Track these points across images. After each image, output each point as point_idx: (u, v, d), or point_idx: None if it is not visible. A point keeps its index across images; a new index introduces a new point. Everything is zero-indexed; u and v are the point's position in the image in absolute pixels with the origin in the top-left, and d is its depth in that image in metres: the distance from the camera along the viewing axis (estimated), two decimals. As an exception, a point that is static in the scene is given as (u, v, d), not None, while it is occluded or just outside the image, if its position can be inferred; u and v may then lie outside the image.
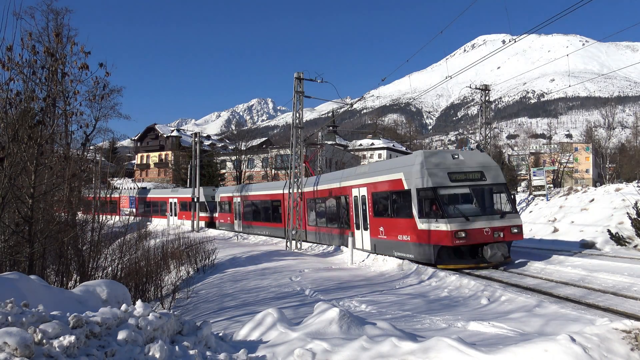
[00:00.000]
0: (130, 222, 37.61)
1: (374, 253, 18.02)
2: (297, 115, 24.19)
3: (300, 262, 18.33)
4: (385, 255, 17.09)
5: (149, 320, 5.12)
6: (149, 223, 41.58)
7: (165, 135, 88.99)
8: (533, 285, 11.65)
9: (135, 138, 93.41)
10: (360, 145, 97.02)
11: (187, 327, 5.74)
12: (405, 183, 15.83)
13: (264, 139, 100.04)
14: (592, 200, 24.21)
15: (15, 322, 4.21)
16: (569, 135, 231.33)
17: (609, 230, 18.53)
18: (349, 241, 18.40)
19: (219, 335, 6.18)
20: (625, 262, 13.93)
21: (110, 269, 14.40)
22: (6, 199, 8.74)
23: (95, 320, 4.68)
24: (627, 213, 18.48)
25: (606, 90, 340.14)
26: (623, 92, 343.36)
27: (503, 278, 12.83)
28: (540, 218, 25.87)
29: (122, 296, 7.49)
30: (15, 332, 3.91)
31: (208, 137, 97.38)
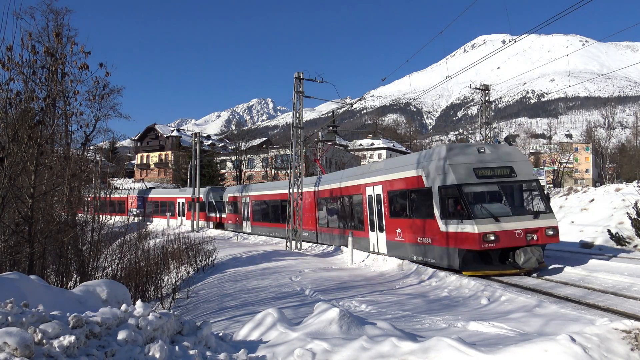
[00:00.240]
0: (137, 222, 37.73)
1: (390, 256, 16.80)
2: (297, 115, 24.19)
3: (300, 262, 18.32)
4: (404, 259, 15.88)
5: (149, 320, 5.12)
6: (151, 223, 41.32)
7: (165, 135, 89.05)
8: (533, 285, 11.64)
9: (135, 138, 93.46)
10: (360, 145, 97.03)
11: (187, 327, 5.74)
12: (425, 180, 14.57)
13: (264, 139, 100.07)
14: (592, 200, 24.23)
15: (15, 322, 4.21)
16: (569, 135, 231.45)
17: (609, 230, 18.53)
18: (365, 244, 17.60)
19: (219, 335, 6.18)
20: (625, 262, 13.93)
21: (110, 269, 14.40)
22: (6, 199, 8.74)
23: (95, 320, 4.68)
24: (627, 213, 18.47)
25: (606, 90, 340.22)
26: (623, 92, 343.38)
27: (504, 279, 12.84)
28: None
29: (122, 296, 7.48)
30: (15, 332, 3.91)
31: (208, 137, 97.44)
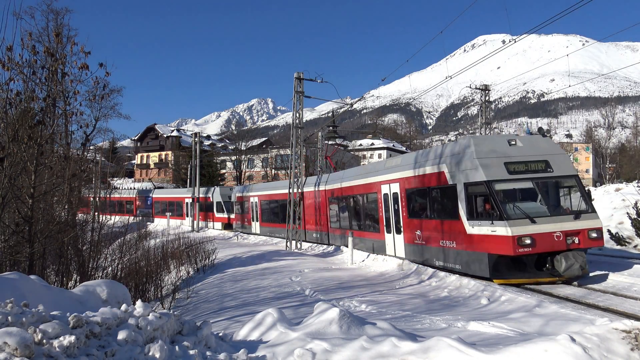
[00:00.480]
0: (142, 222, 37.50)
1: (409, 261, 15.47)
2: (297, 115, 24.20)
3: (300, 262, 18.33)
4: (424, 264, 14.51)
5: (149, 320, 5.12)
6: (156, 224, 40.83)
7: (165, 135, 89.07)
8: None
9: (135, 138, 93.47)
10: (360, 145, 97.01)
11: (187, 327, 5.74)
12: (448, 177, 13.25)
13: (264, 139, 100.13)
14: (592, 200, 24.18)
15: (15, 322, 4.20)
16: (569, 135, 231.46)
17: (609, 230, 18.52)
18: (380, 247, 16.74)
19: (219, 335, 6.18)
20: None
21: (110, 269, 14.40)
22: (6, 199, 8.74)
23: (95, 320, 4.68)
24: (627, 213, 18.46)
25: (606, 90, 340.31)
26: (623, 92, 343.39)
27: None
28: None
29: (122, 296, 7.48)
30: (15, 332, 3.91)
31: (208, 137, 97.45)
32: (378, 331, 6.15)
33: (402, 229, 16.03)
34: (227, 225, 38.28)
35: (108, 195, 47.59)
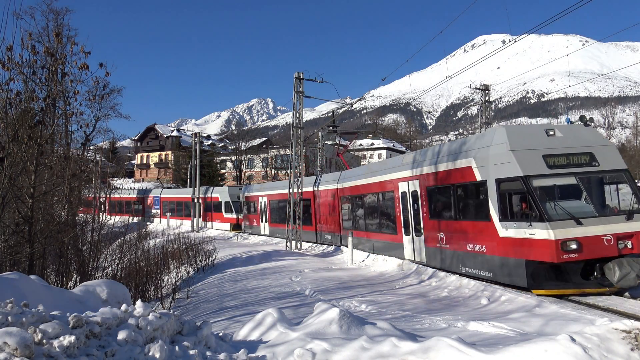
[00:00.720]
0: (153, 222, 37.05)
1: (429, 267, 14.16)
2: (297, 115, 24.21)
3: (300, 262, 18.34)
4: (448, 271, 13.20)
5: (149, 320, 5.12)
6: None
7: (165, 135, 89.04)
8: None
9: (135, 138, 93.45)
10: (360, 145, 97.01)
11: (187, 327, 5.74)
12: (477, 172, 11.88)
13: (264, 139, 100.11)
14: None
15: (15, 322, 4.21)
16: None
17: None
18: (397, 250, 15.90)
19: (219, 335, 6.18)
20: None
21: (110, 269, 14.42)
22: (6, 199, 8.75)
23: (95, 320, 4.68)
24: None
25: (606, 90, 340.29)
26: (623, 92, 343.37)
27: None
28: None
29: (122, 296, 7.49)
30: (15, 332, 3.91)
31: (208, 137, 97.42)
32: (378, 331, 6.15)
33: (422, 230, 14.77)
34: (236, 226, 37.08)
35: (115, 195, 47.64)
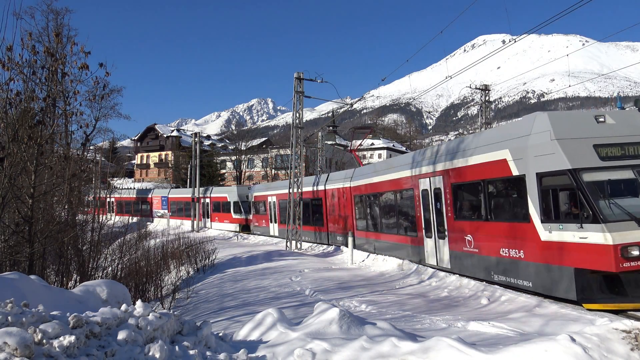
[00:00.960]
0: (162, 224, 36.65)
1: (455, 273, 12.84)
2: (297, 115, 24.22)
3: (300, 262, 18.34)
4: (477, 279, 11.83)
5: (149, 320, 5.12)
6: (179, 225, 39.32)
7: (165, 135, 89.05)
8: None
9: (135, 138, 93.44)
10: (360, 145, 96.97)
11: (187, 327, 5.74)
12: (513, 165, 10.37)
13: (264, 139, 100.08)
14: None
15: (15, 322, 4.20)
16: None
17: None
18: (417, 254, 14.72)
19: (219, 335, 6.18)
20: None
21: (110, 269, 14.42)
22: (6, 199, 8.75)
23: (95, 320, 4.68)
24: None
25: (606, 90, 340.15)
26: (623, 92, 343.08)
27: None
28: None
29: (122, 296, 7.49)
30: (15, 332, 3.91)
31: (208, 137, 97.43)
32: (378, 331, 6.15)
33: (446, 232, 13.28)
34: (245, 227, 35.74)
35: (124, 196, 47.31)
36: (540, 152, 9.69)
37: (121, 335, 4.71)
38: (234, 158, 68.61)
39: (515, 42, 16.68)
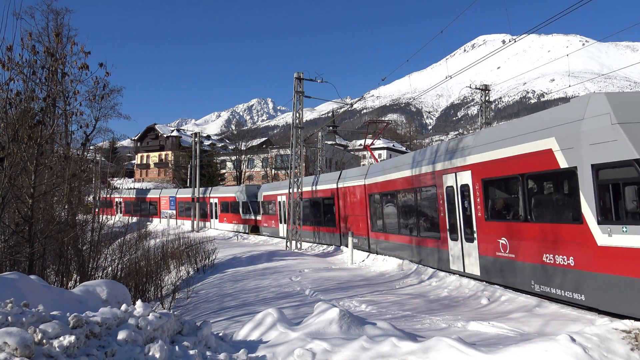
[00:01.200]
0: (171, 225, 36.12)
1: (485, 281, 11.34)
2: (297, 115, 24.22)
3: (300, 262, 18.34)
4: (513, 289, 10.28)
5: (149, 320, 5.12)
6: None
7: (165, 135, 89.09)
8: None
9: (135, 138, 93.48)
10: (360, 145, 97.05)
11: (187, 327, 5.74)
12: (561, 156, 8.74)
13: (264, 139, 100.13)
14: None
15: (15, 322, 4.21)
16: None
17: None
18: (441, 259, 13.34)
19: (219, 335, 6.18)
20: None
21: (110, 269, 14.43)
22: (6, 199, 8.75)
23: (95, 320, 4.68)
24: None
25: (606, 90, 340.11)
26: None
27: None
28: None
29: (122, 296, 7.50)
30: (15, 332, 3.92)
31: (208, 137, 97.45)
32: (378, 331, 6.15)
33: (475, 235, 11.71)
34: (254, 228, 34.33)
35: (131, 196, 46.88)
36: (596, 139, 8.07)
37: (121, 335, 4.72)
38: (234, 158, 68.64)
39: (515, 42, 16.67)
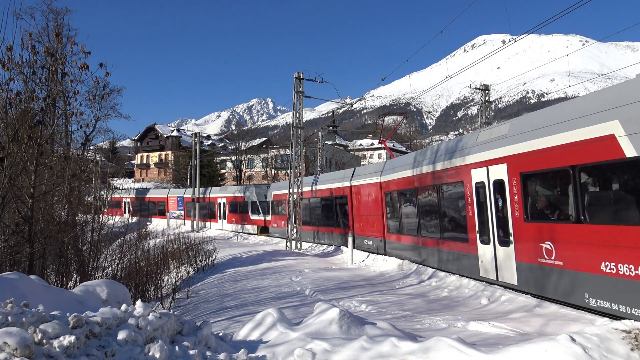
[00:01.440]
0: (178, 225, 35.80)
1: (523, 292, 9.86)
2: (297, 115, 24.23)
3: (300, 262, 18.34)
4: (560, 302, 8.79)
5: (149, 320, 5.12)
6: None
7: (165, 135, 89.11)
8: None
9: (135, 138, 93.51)
10: (360, 145, 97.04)
11: (187, 327, 5.74)
12: (627, 142, 7.08)
13: (264, 139, 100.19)
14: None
15: (15, 322, 4.21)
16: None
17: None
18: (469, 265, 11.91)
19: (219, 335, 6.18)
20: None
21: (110, 269, 14.43)
22: (6, 199, 8.75)
23: (95, 320, 4.68)
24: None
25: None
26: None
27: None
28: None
29: (122, 296, 7.49)
30: (15, 332, 3.91)
31: (208, 137, 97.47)
32: (378, 331, 6.15)
33: (511, 238, 10.11)
34: (264, 229, 33.48)
35: (140, 196, 46.76)
36: None
37: (121, 335, 4.71)
38: (234, 158, 68.66)
39: (515, 42, 16.68)
